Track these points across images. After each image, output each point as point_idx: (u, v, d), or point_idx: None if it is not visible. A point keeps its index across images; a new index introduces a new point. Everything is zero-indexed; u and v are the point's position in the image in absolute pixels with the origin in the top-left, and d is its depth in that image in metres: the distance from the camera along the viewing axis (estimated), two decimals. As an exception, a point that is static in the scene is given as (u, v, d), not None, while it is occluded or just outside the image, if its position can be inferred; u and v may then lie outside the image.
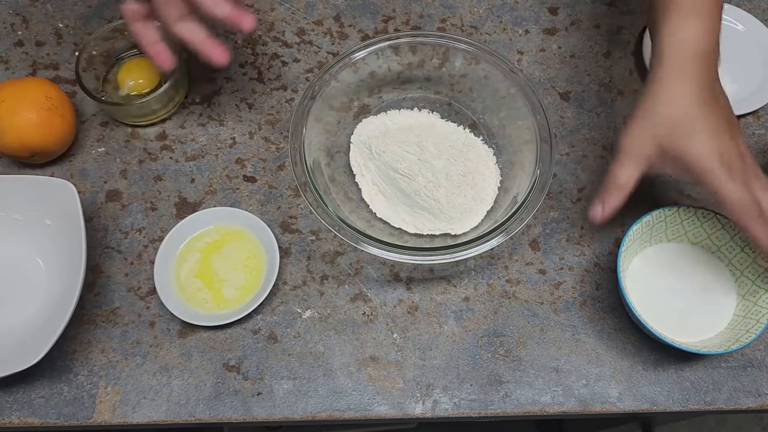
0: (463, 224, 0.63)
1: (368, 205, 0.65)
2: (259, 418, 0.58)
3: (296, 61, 0.73)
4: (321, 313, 0.62)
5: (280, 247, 0.62)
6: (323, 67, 0.67)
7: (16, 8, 0.75)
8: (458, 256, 0.57)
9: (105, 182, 0.67)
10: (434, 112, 0.69)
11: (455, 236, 0.63)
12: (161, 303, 0.60)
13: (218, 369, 0.60)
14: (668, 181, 0.68)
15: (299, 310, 0.62)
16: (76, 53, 0.67)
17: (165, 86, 0.66)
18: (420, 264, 0.63)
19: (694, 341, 0.59)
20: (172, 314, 0.59)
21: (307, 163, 0.60)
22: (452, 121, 0.69)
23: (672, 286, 0.61)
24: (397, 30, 0.75)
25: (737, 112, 0.71)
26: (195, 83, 0.72)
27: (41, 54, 0.73)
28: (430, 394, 0.59)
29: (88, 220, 0.64)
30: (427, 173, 0.63)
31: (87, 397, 0.58)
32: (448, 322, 0.62)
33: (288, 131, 0.62)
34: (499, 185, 0.66)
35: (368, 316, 0.62)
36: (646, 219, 0.60)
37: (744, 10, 0.77)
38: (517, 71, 0.65)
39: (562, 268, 0.64)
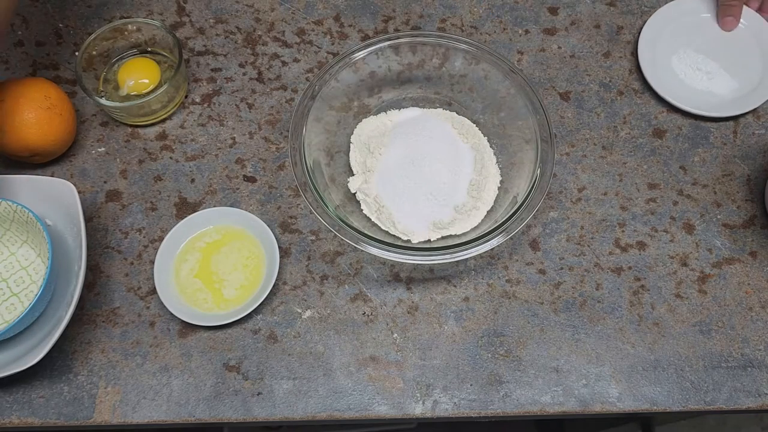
0: (463, 224, 0.63)
1: (368, 205, 0.65)
2: (259, 418, 0.58)
3: (296, 61, 0.73)
4: (321, 313, 0.62)
5: (280, 247, 0.62)
6: (323, 67, 0.67)
7: (17, 8, 0.75)
8: (458, 256, 0.57)
9: (105, 182, 0.67)
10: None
11: (455, 236, 0.63)
12: (161, 303, 0.60)
13: (218, 369, 0.60)
14: (668, 180, 0.68)
15: (299, 310, 0.62)
16: (76, 53, 0.67)
17: (165, 86, 0.66)
18: (420, 264, 0.63)
19: None
20: (172, 314, 0.59)
21: (307, 163, 0.60)
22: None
23: None
24: (397, 30, 0.75)
25: (737, 111, 0.71)
26: (195, 83, 0.72)
27: (41, 54, 0.73)
28: (430, 394, 0.59)
29: (88, 220, 0.64)
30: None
31: (87, 397, 0.58)
32: (448, 322, 0.62)
33: (288, 131, 0.62)
34: (499, 185, 0.66)
35: (368, 316, 0.62)
36: None
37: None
38: (517, 71, 0.65)
39: (562, 268, 0.64)
